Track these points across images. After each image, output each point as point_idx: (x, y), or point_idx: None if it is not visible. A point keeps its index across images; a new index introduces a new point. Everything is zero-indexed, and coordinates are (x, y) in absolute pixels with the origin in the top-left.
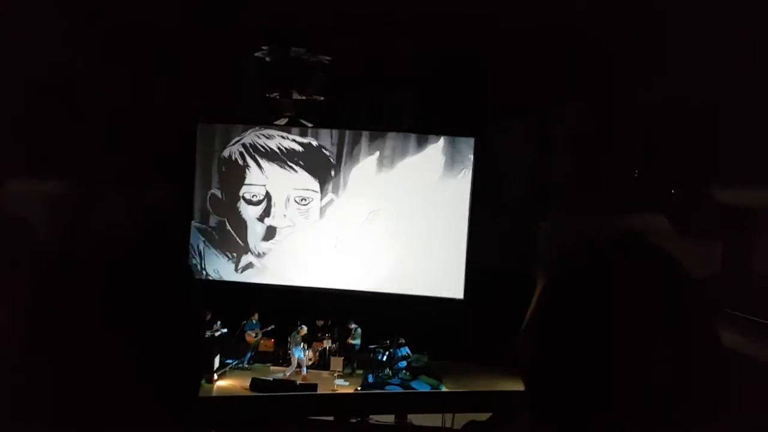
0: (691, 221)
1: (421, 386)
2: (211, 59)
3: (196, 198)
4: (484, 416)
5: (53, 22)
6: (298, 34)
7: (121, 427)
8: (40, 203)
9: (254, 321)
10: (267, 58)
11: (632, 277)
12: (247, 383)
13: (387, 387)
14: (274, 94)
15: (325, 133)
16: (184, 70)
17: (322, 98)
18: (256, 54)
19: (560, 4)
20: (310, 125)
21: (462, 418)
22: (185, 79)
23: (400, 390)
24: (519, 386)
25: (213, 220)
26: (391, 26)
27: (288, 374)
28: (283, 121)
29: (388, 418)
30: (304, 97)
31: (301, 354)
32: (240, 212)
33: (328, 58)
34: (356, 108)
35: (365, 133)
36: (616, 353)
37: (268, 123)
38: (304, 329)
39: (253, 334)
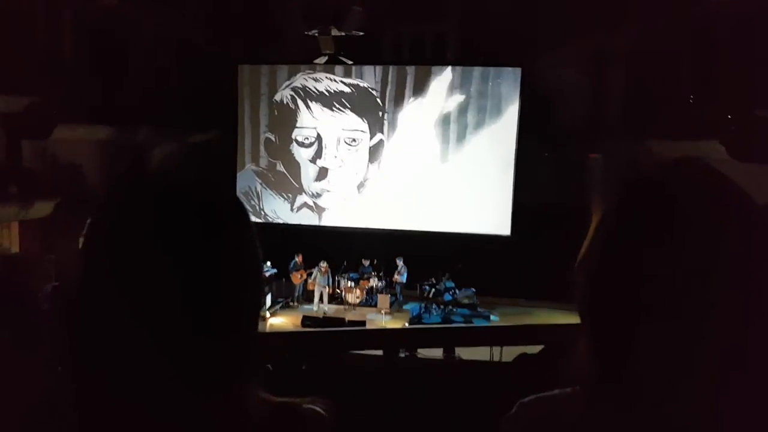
0: (747, 147)
1: (468, 321)
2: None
3: (248, 141)
4: (534, 349)
5: None
6: None
7: (182, 363)
8: (90, 150)
9: (299, 262)
10: None
11: (695, 203)
12: (296, 321)
13: (434, 322)
14: (314, 32)
15: (368, 71)
16: (224, 13)
17: (362, 34)
18: None
19: None
20: (350, 62)
21: (511, 352)
22: (225, 22)
23: (446, 325)
24: (570, 320)
25: (268, 163)
26: None
27: (315, 309)
28: (323, 60)
29: (436, 353)
30: (343, 34)
31: (323, 289)
32: (293, 154)
33: None
34: (398, 43)
35: (410, 70)
36: (679, 284)
37: (308, 62)
38: (325, 265)
39: (299, 275)
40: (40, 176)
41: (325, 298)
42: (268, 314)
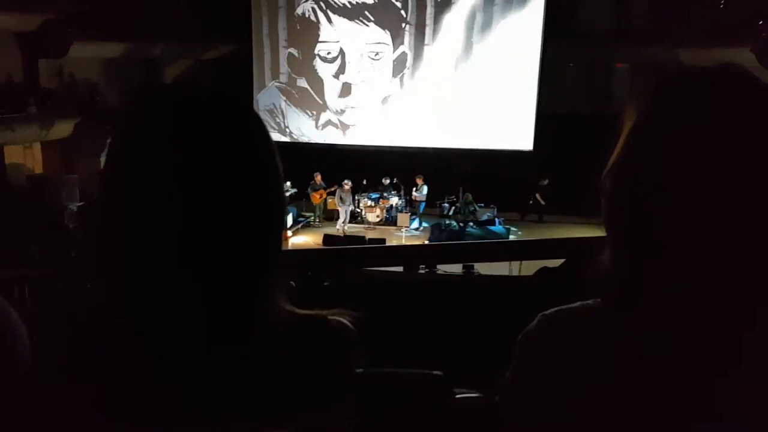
0: None
1: (488, 236)
2: None
3: (268, 56)
4: (556, 262)
5: None
6: None
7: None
8: (106, 67)
9: (318, 182)
10: None
11: (737, 110)
12: (317, 239)
13: (454, 238)
14: None
15: None
16: None
17: None
18: None
19: None
20: None
21: (530, 267)
22: None
23: (466, 241)
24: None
25: (291, 80)
26: None
27: (338, 228)
28: None
29: (456, 268)
30: None
31: (348, 207)
32: (316, 70)
33: None
34: None
35: None
36: (712, 194)
37: None
38: (348, 184)
39: (318, 195)
40: (58, 96)
41: (347, 217)
42: (289, 233)
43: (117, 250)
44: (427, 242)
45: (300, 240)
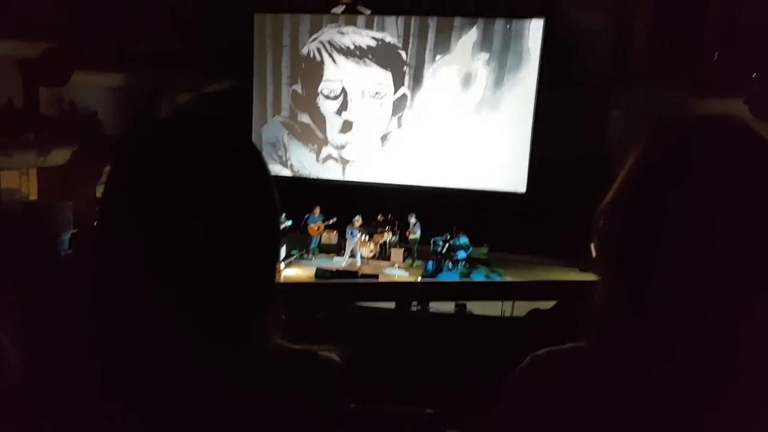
0: None
1: (480, 276)
2: None
3: (270, 93)
4: (547, 305)
5: None
6: None
7: (200, 310)
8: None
9: (316, 214)
10: None
11: (730, 157)
12: (310, 273)
13: (446, 277)
14: None
15: (391, 24)
16: None
17: None
18: None
19: None
20: (367, 12)
21: (522, 308)
22: None
23: (459, 280)
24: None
25: (294, 115)
26: None
27: (344, 264)
28: (339, 9)
29: (448, 307)
30: None
31: (355, 245)
32: (319, 107)
33: None
34: None
35: (431, 24)
36: (704, 239)
37: (324, 11)
38: (359, 220)
39: (315, 227)
40: (57, 123)
41: (357, 252)
42: (283, 266)
43: (112, 278)
44: (419, 279)
45: (293, 273)
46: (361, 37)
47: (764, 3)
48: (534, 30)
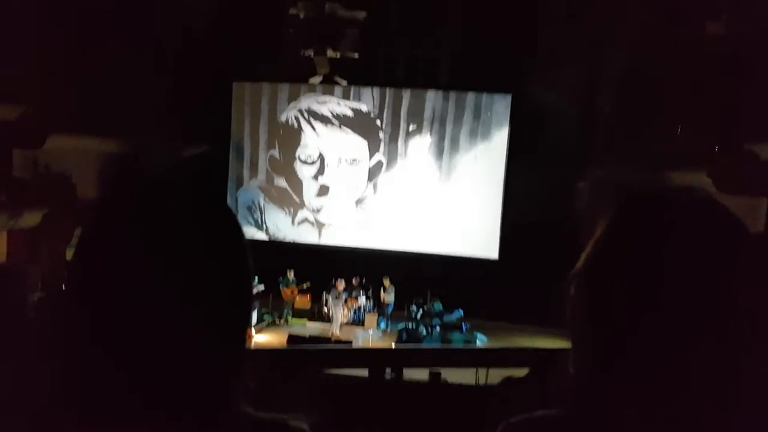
0: (734, 180)
1: (456, 343)
2: (248, 19)
3: (247, 157)
4: (520, 372)
5: None
6: None
7: (168, 377)
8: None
9: (290, 278)
10: (301, 15)
11: (696, 228)
12: (283, 338)
13: (420, 343)
14: (309, 52)
15: (366, 94)
16: (221, 30)
17: (356, 55)
18: (291, 11)
19: None
20: (344, 83)
21: (497, 375)
22: (222, 39)
23: (434, 346)
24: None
25: (271, 179)
26: None
27: (337, 331)
28: (317, 80)
29: (422, 374)
30: (338, 55)
31: (338, 310)
32: (296, 171)
33: (363, 13)
34: (392, 66)
35: (405, 94)
36: (671, 306)
37: (302, 82)
38: (342, 284)
39: (289, 291)
40: (30, 186)
41: (340, 319)
42: (254, 331)
43: (80, 341)
44: (394, 345)
45: (264, 339)
46: (338, 106)
47: (725, 77)
48: (503, 104)
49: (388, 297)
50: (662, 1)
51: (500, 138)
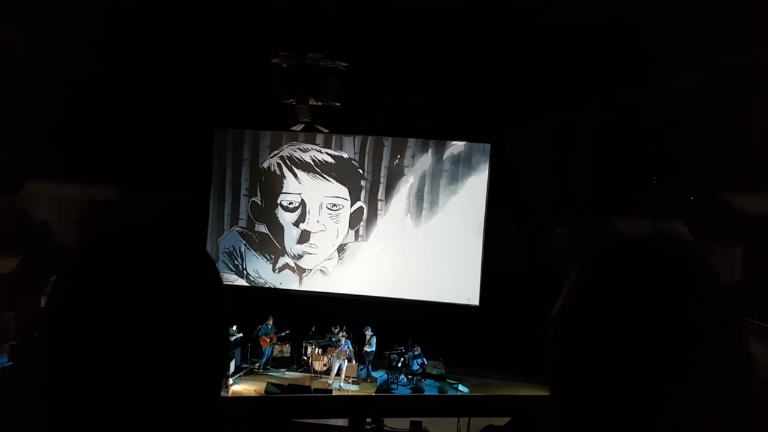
0: (710, 229)
1: (436, 391)
2: (230, 68)
3: (228, 204)
4: (501, 421)
5: (74, 28)
6: (315, 38)
7: (144, 424)
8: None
9: (269, 325)
10: (284, 65)
11: (669, 276)
12: (261, 387)
13: (401, 391)
14: (291, 101)
15: (348, 142)
16: (203, 78)
17: (338, 104)
18: (273, 60)
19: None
20: (325, 131)
21: (478, 424)
22: (203, 87)
23: (415, 394)
24: (537, 391)
25: (251, 224)
26: (406, 29)
27: (331, 383)
28: (299, 127)
29: (403, 424)
30: (320, 103)
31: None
32: (278, 218)
33: (344, 64)
34: (373, 114)
35: (386, 142)
36: (647, 354)
37: (284, 129)
38: (344, 336)
39: (268, 339)
40: (6, 231)
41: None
42: (231, 380)
43: (51, 389)
44: (374, 393)
45: (241, 387)
46: (320, 153)
47: (698, 127)
48: (482, 153)
49: (370, 348)
50: (637, 51)
51: (480, 185)
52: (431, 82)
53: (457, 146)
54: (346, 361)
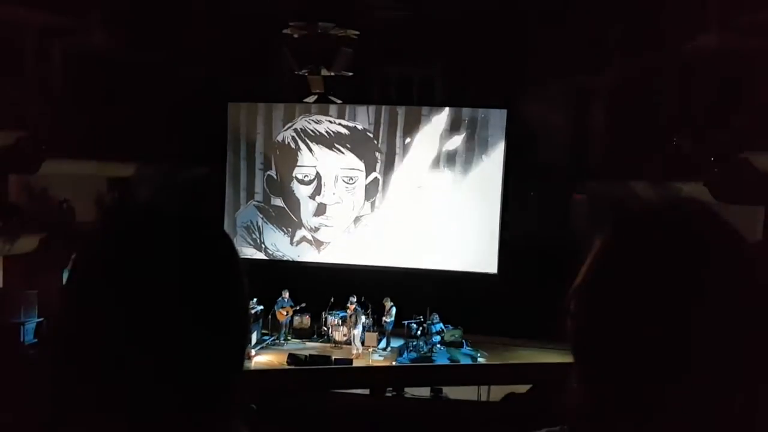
0: (731, 190)
1: (458, 359)
2: (243, 39)
3: (244, 178)
4: (523, 388)
5: (86, 5)
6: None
7: (167, 398)
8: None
9: (285, 299)
10: (295, 35)
11: (693, 240)
12: (282, 359)
13: (422, 361)
14: (303, 72)
15: (362, 112)
16: (215, 51)
17: (350, 74)
18: (284, 31)
19: None
20: (339, 101)
21: (498, 391)
22: (216, 60)
23: (435, 363)
24: (557, 359)
25: (267, 198)
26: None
27: (355, 352)
28: (312, 99)
29: (424, 392)
30: (332, 74)
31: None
32: (293, 191)
33: (355, 32)
34: (387, 83)
35: (400, 111)
36: (672, 319)
37: (297, 101)
38: (353, 304)
39: (284, 312)
40: (26, 211)
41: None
42: (253, 352)
43: (77, 364)
44: (395, 363)
45: (264, 359)
46: (333, 125)
47: (719, 87)
48: (499, 119)
49: (389, 318)
50: (656, 13)
51: (497, 153)
52: (444, 49)
53: (473, 113)
54: (361, 327)
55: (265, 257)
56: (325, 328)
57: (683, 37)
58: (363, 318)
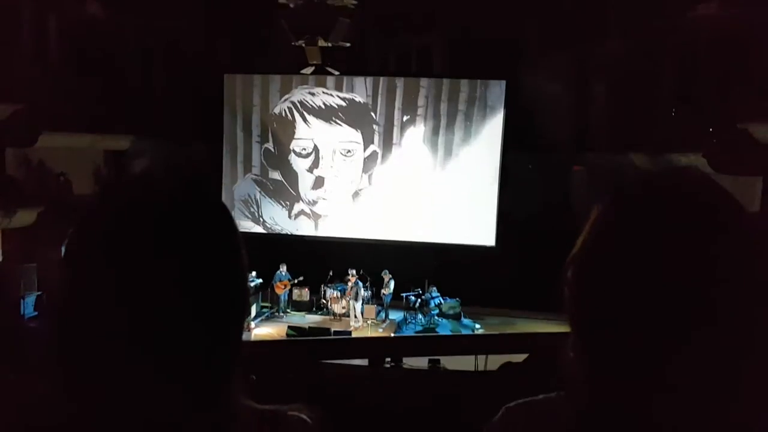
0: (729, 160)
1: (453, 329)
2: (238, 11)
3: (241, 151)
4: (519, 358)
5: None
6: None
7: (167, 371)
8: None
9: (283, 272)
10: (291, 5)
11: (692, 209)
12: (283, 330)
13: (419, 331)
14: (300, 42)
15: (359, 84)
16: (211, 22)
17: (348, 45)
18: (280, 1)
19: None
20: (336, 73)
21: (496, 361)
22: (211, 31)
23: (432, 335)
24: (554, 329)
25: (265, 172)
26: None
27: (353, 325)
28: (309, 70)
29: (422, 363)
30: (330, 45)
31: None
32: (291, 164)
33: (353, 2)
34: (384, 55)
35: (399, 83)
36: (670, 288)
37: (294, 72)
38: (354, 276)
39: (282, 285)
40: (23, 184)
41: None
42: (253, 324)
43: (75, 339)
44: (393, 335)
45: (263, 331)
46: (331, 97)
47: (718, 58)
48: (497, 91)
49: (388, 291)
50: None
51: (495, 124)
52: (443, 19)
53: (471, 84)
54: (361, 300)
55: (263, 231)
56: (324, 301)
57: (683, 8)
58: (363, 291)
